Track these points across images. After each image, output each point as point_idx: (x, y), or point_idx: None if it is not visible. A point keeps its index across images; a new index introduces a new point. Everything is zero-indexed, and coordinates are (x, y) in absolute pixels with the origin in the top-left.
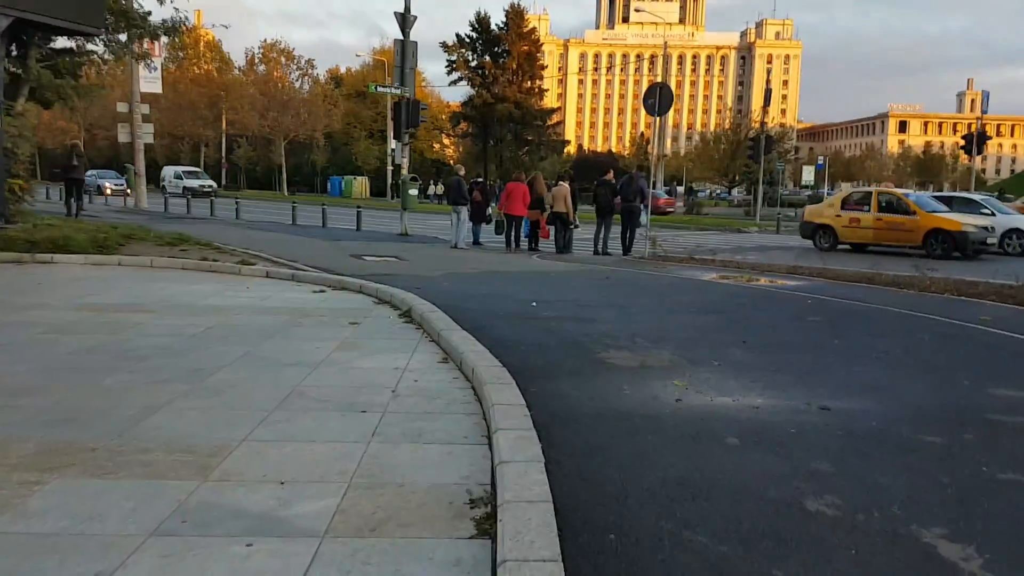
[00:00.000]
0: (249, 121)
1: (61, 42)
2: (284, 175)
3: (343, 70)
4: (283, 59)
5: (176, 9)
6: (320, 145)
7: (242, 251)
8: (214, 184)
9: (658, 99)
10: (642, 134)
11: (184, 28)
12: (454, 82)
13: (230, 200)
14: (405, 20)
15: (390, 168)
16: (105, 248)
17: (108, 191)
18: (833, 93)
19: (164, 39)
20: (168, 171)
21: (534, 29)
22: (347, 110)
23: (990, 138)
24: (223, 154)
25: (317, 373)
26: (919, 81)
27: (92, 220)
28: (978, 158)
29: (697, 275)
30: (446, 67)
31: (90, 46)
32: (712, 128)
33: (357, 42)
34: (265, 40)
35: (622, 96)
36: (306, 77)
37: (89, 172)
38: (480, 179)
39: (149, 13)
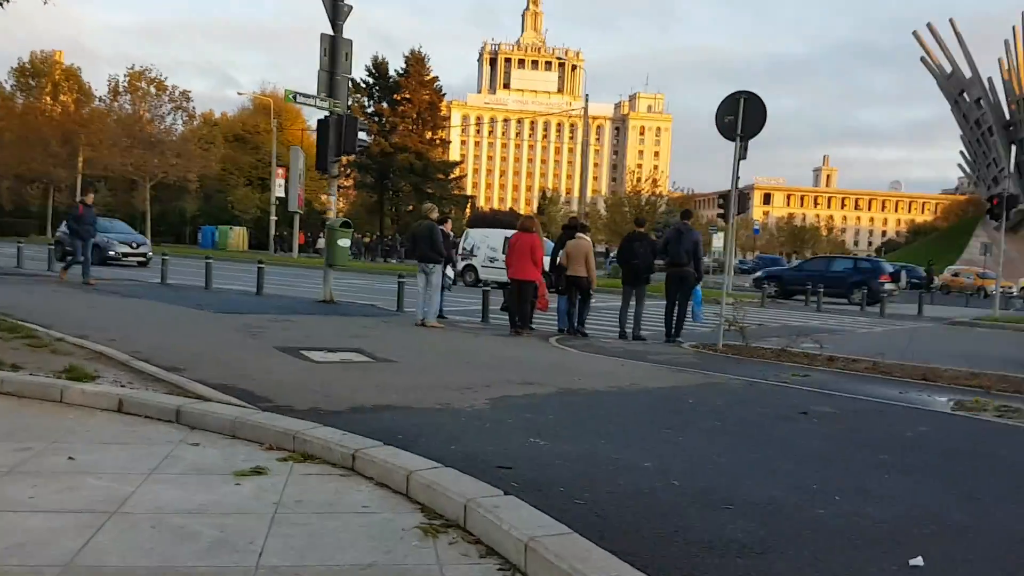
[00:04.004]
0: (110, 160)
1: None
2: (148, 223)
3: (217, 115)
4: (153, 89)
5: None
6: (192, 190)
7: (76, 341)
8: None
9: (740, 116)
10: (543, 191)
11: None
12: None
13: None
14: (336, 8)
15: (274, 217)
16: None
17: None
18: (697, 165)
19: None
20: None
21: (436, 78)
22: (223, 156)
23: None
24: (76, 199)
25: None
26: (770, 156)
27: None
28: (836, 228)
29: (912, 398)
30: None
31: None
32: (588, 194)
33: (210, 92)
34: (133, 66)
35: (504, 159)
36: (180, 111)
37: None
38: (442, 225)
39: None
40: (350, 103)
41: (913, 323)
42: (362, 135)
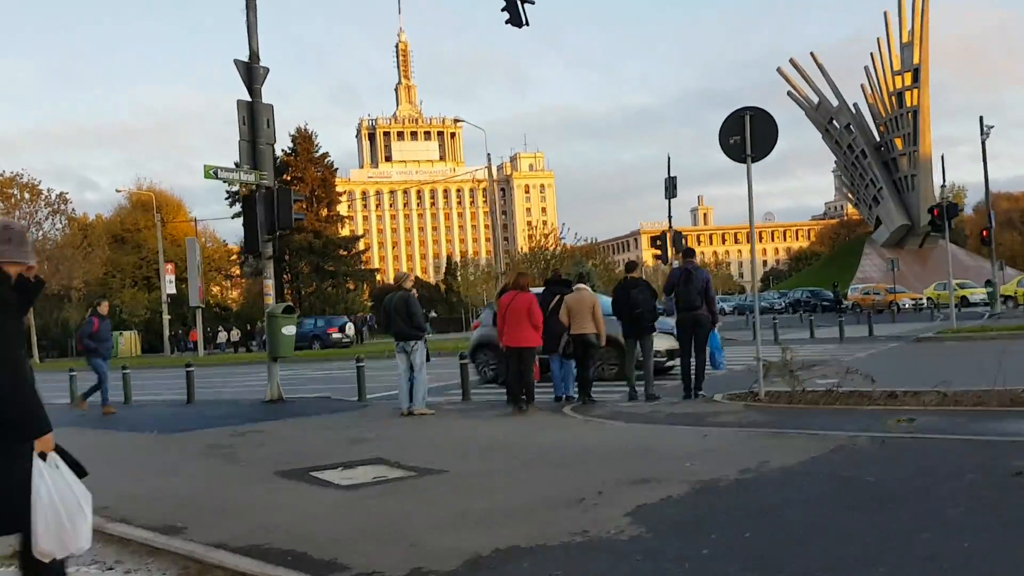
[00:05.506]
0: None
1: None
2: (34, 339)
3: (92, 217)
4: (27, 195)
5: None
6: (74, 300)
7: None
8: None
9: (747, 135)
10: (447, 258)
11: None
12: (239, 214)
13: None
14: (252, 72)
15: (167, 316)
16: None
17: None
18: (584, 217)
19: None
20: None
21: (326, 154)
22: (105, 259)
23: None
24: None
25: None
26: (644, 203)
27: None
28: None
29: None
30: (226, 199)
31: None
32: (479, 254)
33: (69, 196)
34: (3, 172)
35: (394, 230)
36: (58, 215)
37: None
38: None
39: None
40: (236, 187)
41: (878, 344)
42: None
